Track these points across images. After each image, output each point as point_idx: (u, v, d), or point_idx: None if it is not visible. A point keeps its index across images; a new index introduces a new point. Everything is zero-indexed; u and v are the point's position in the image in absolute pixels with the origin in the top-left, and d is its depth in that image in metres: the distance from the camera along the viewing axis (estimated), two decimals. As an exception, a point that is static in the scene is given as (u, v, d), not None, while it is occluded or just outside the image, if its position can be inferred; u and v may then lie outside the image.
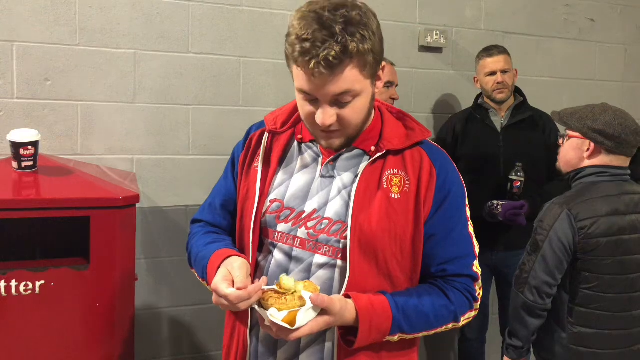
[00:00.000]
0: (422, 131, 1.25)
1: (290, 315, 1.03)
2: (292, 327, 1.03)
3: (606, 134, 1.78)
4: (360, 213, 1.15)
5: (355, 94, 1.11)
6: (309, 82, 1.09)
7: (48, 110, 2.30)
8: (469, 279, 1.22)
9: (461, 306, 1.21)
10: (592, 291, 1.76)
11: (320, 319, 1.07)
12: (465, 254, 1.22)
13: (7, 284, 1.72)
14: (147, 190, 2.43)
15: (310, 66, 1.05)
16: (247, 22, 2.56)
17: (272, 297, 1.06)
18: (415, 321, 1.16)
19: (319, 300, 1.05)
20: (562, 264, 1.76)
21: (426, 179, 1.19)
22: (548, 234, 1.76)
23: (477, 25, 3.01)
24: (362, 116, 1.16)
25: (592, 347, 1.77)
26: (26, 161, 1.87)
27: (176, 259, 2.51)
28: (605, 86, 3.32)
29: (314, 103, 1.13)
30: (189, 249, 1.36)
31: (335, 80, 1.07)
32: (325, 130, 1.14)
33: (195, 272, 1.34)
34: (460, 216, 1.23)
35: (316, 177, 1.21)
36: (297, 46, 1.06)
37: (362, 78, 1.10)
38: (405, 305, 1.15)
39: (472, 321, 2.99)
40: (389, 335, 1.15)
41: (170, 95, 2.47)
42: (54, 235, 1.95)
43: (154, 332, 2.53)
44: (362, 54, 1.07)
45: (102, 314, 1.82)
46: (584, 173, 1.84)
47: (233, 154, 1.37)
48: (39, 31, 2.26)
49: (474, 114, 2.69)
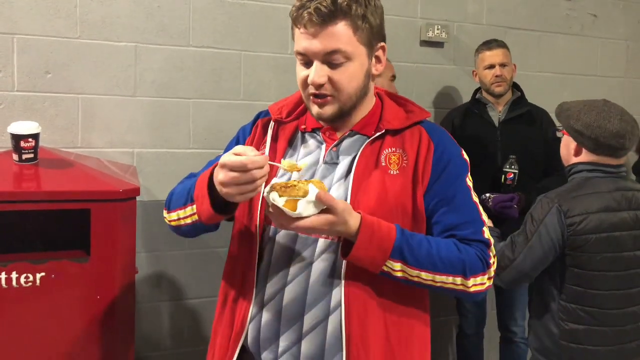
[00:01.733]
0: (421, 112, 1.27)
1: (290, 202, 1.05)
2: (292, 214, 1.04)
3: (584, 135, 1.78)
4: (359, 191, 1.17)
5: (347, 56, 1.14)
6: (303, 39, 1.14)
7: (49, 103, 2.30)
8: (481, 243, 1.19)
9: (472, 263, 1.16)
10: (582, 288, 1.75)
11: (322, 216, 1.07)
12: (472, 219, 1.21)
13: (7, 276, 1.73)
14: (148, 184, 2.43)
15: (304, 19, 1.11)
16: (249, 16, 2.56)
17: (279, 185, 1.07)
18: (419, 254, 1.13)
19: (324, 198, 1.05)
20: (546, 259, 1.75)
21: (424, 153, 1.20)
22: (538, 228, 1.75)
23: (478, 20, 3.00)
24: (354, 84, 1.17)
25: (583, 344, 1.75)
26: (27, 153, 1.88)
27: (176, 252, 2.52)
28: (607, 82, 3.31)
29: (309, 66, 1.16)
30: (170, 194, 1.32)
31: (326, 34, 1.12)
32: (317, 93, 1.15)
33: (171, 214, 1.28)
34: (461, 184, 1.22)
35: (320, 163, 1.23)
36: (297, 4, 1.14)
37: (355, 41, 1.14)
38: (412, 236, 1.15)
39: (470, 316, 2.99)
40: (390, 259, 1.12)
41: (171, 89, 2.46)
42: (54, 228, 1.96)
43: (154, 325, 2.54)
44: (355, 15, 1.12)
45: (103, 307, 1.82)
46: (576, 169, 1.84)
47: (238, 134, 1.37)
48: (39, 24, 2.26)
49: (472, 109, 2.70)
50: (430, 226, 1.21)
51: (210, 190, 1.15)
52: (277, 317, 1.18)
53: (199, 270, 2.56)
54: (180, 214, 1.25)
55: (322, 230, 1.10)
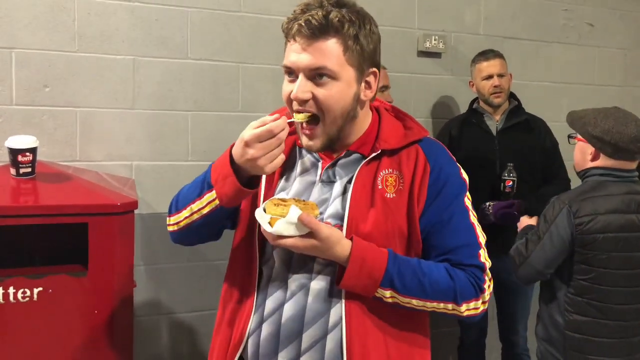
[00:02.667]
0: (420, 130, 1.25)
1: (272, 220, 1.09)
2: (269, 229, 1.09)
3: (604, 140, 1.86)
4: (356, 214, 1.16)
5: (333, 75, 1.11)
6: (292, 52, 1.12)
7: (47, 116, 2.30)
8: (475, 268, 1.18)
9: (463, 289, 1.16)
10: (588, 282, 1.84)
11: (306, 240, 1.09)
12: (468, 243, 1.20)
13: (4, 291, 1.72)
14: (146, 197, 2.42)
15: (293, 30, 1.10)
16: (246, 28, 2.56)
17: (272, 202, 1.12)
18: (409, 282, 1.13)
19: (306, 220, 1.07)
20: (558, 257, 1.87)
21: (420, 175, 1.19)
22: (549, 228, 1.86)
23: (476, 30, 3.01)
24: (339, 106, 1.13)
25: (587, 334, 1.85)
26: (24, 168, 1.87)
27: (175, 265, 2.51)
28: (605, 91, 3.32)
29: (294, 82, 1.14)
30: (176, 197, 1.30)
31: (314, 49, 1.10)
32: (301, 110, 1.14)
33: (179, 214, 1.25)
34: (458, 205, 1.20)
35: (316, 182, 1.22)
36: (289, 17, 1.13)
37: (343, 61, 1.11)
38: (403, 263, 1.14)
39: (471, 327, 2.97)
40: (380, 287, 1.13)
41: (169, 101, 2.47)
42: (52, 242, 1.95)
43: (153, 338, 2.52)
44: (346, 34, 1.10)
45: (101, 321, 1.81)
46: (590, 173, 1.93)
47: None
48: (38, 37, 2.26)
49: (469, 119, 2.70)
50: (427, 249, 1.20)
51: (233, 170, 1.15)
52: (276, 333, 1.18)
53: (197, 284, 2.55)
54: (195, 207, 1.22)
55: (308, 253, 1.12)
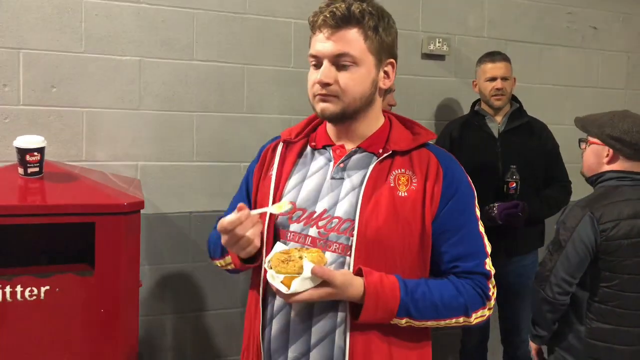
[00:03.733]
0: (427, 134, 1.31)
1: (286, 279, 1.10)
2: (287, 291, 1.09)
3: (624, 141, 1.85)
4: (367, 211, 1.18)
5: (355, 60, 1.19)
6: (317, 41, 1.21)
7: (54, 117, 2.31)
8: (481, 276, 1.23)
9: (472, 301, 1.22)
10: (612, 289, 1.82)
11: (321, 290, 1.12)
12: (476, 251, 1.24)
13: (12, 290, 1.73)
14: (152, 197, 2.44)
15: (319, 22, 1.19)
16: (252, 30, 2.58)
17: (278, 259, 1.13)
18: (423, 307, 1.18)
19: (320, 272, 1.10)
20: (582, 265, 1.83)
21: (433, 177, 1.23)
22: (571, 235, 1.82)
23: (479, 33, 3.02)
24: (359, 89, 1.21)
25: (609, 342, 1.82)
26: (32, 167, 1.89)
27: (180, 265, 2.52)
28: (608, 93, 3.33)
29: (319, 69, 1.21)
30: (209, 242, 1.44)
31: (337, 37, 1.19)
32: (323, 93, 1.20)
33: (214, 261, 1.41)
34: (469, 215, 1.25)
35: (327, 179, 1.26)
36: (314, 12, 1.21)
37: (364, 48, 1.20)
38: (415, 290, 1.18)
39: (473, 331, 2.97)
40: (396, 318, 1.17)
41: (174, 102, 2.48)
42: (59, 241, 1.96)
43: (158, 338, 2.53)
44: (367, 25, 1.19)
45: (107, 320, 1.82)
46: (605, 177, 1.91)
47: (247, 170, 1.43)
48: (45, 39, 2.28)
49: (471, 121, 2.70)
50: (436, 252, 1.23)
51: None
52: (285, 328, 1.21)
53: (202, 283, 2.57)
54: (221, 263, 1.37)
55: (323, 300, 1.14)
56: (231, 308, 2.62)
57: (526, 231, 2.58)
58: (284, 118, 2.63)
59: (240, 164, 2.58)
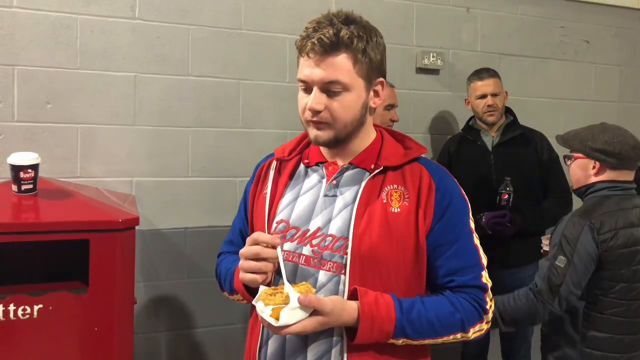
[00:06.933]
0: (418, 148, 1.30)
1: (275, 311, 1.08)
2: (276, 324, 1.07)
3: (607, 152, 1.88)
4: (360, 228, 1.18)
5: (345, 87, 1.18)
6: (306, 66, 1.19)
7: (48, 133, 2.31)
8: (477, 289, 1.22)
9: (469, 316, 1.21)
10: (608, 298, 1.84)
11: (313, 319, 1.10)
12: (472, 264, 1.23)
13: (5, 308, 1.71)
14: (147, 213, 2.43)
15: (307, 48, 1.17)
16: (247, 45, 2.59)
17: (266, 293, 1.12)
18: (419, 327, 1.17)
19: (306, 301, 1.08)
20: (587, 275, 1.84)
21: (425, 192, 1.22)
22: (575, 247, 1.82)
23: (473, 47, 3.04)
24: (350, 114, 1.20)
25: (605, 351, 1.83)
26: (26, 184, 1.87)
27: (175, 281, 2.50)
28: (601, 106, 3.35)
29: (309, 93, 1.20)
30: (217, 274, 1.43)
31: (326, 64, 1.16)
32: (314, 120, 1.19)
33: (226, 293, 1.40)
34: (463, 227, 1.24)
35: (320, 196, 1.25)
36: (303, 34, 1.19)
37: (354, 73, 1.18)
38: (411, 309, 1.17)
39: (473, 343, 2.94)
40: (393, 339, 1.16)
41: (169, 118, 2.48)
42: (53, 259, 1.95)
43: (153, 355, 2.50)
44: (355, 49, 1.17)
45: (101, 338, 1.80)
46: (595, 187, 1.93)
47: (244, 190, 1.43)
48: (40, 55, 2.28)
49: (466, 136, 2.74)
50: (431, 267, 1.23)
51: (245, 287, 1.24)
52: (281, 349, 1.20)
53: (198, 300, 2.54)
54: (232, 298, 1.37)
55: (319, 330, 1.13)
56: (226, 325, 2.60)
57: (522, 242, 2.57)
58: (279, 133, 2.63)
59: (235, 179, 2.57)
